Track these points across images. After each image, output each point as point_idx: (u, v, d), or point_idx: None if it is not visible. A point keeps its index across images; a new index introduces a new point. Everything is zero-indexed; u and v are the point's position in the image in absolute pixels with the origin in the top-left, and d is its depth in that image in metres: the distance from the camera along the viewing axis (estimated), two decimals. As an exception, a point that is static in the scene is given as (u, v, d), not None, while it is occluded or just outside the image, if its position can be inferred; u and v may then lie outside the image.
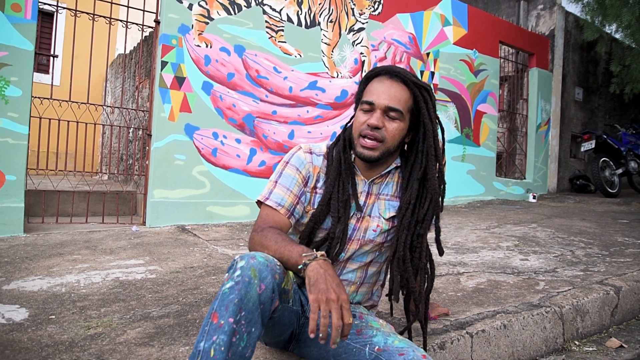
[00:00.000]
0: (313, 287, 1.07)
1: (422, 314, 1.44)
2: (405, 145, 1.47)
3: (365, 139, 1.35)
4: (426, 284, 1.47)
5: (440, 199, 1.41)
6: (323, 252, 1.15)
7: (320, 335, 1.03)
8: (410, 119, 1.38)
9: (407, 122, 1.38)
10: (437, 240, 1.48)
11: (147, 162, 4.17)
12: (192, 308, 1.99)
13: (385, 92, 1.34)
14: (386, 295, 1.61)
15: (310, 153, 1.44)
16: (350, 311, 1.06)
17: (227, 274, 1.14)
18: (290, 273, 1.27)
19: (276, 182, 1.39)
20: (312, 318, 1.03)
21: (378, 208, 1.45)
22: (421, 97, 1.36)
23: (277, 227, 1.31)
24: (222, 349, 1.04)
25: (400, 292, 1.43)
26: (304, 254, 1.15)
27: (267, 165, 4.56)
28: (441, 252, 1.49)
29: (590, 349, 2.05)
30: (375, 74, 1.39)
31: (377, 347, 1.22)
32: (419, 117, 1.39)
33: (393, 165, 1.44)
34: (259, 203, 1.40)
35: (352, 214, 1.42)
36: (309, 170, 1.41)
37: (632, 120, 8.95)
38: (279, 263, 1.20)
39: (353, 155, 1.43)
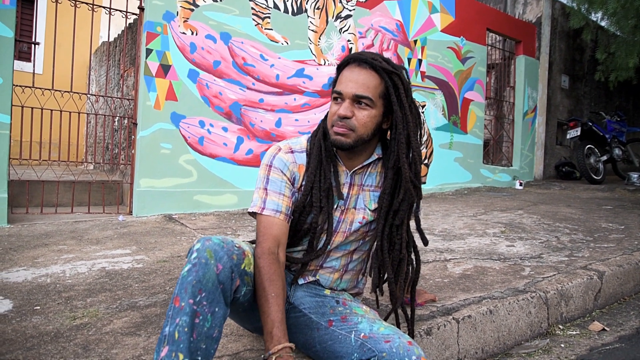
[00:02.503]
0: None
1: (401, 301, 1.44)
2: (389, 133, 1.45)
3: (337, 127, 1.33)
4: (410, 274, 1.47)
5: (413, 188, 1.36)
6: (288, 345, 1.15)
7: None
8: (384, 105, 1.35)
9: (381, 109, 1.35)
10: (419, 230, 1.47)
11: (133, 151, 4.13)
12: (179, 297, 1.98)
13: (352, 81, 1.32)
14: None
15: (292, 152, 1.40)
16: None
17: (186, 258, 1.15)
18: (252, 256, 1.26)
19: (266, 189, 1.35)
20: None
21: (363, 200, 1.44)
22: (390, 83, 1.33)
23: (278, 240, 1.29)
24: (186, 329, 1.05)
25: (387, 282, 1.44)
26: (269, 341, 1.15)
27: (255, 154, 4.53)
28: (425, 242, 1.49)
29: (574, 332, 2.08)
30: (346, 62, 1.36)
31: (362, 333, 1.23)
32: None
33: (375, 157, 1.42)
34: (253, 214, 1.36)
35: (335, 206, 1.41)
36: (293, 171, 1.38)
37: (616, 108, 9.05)
38: (237, 245, 1.21)
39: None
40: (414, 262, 1.48)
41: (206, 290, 1.09)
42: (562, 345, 1.94)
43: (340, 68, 1.38)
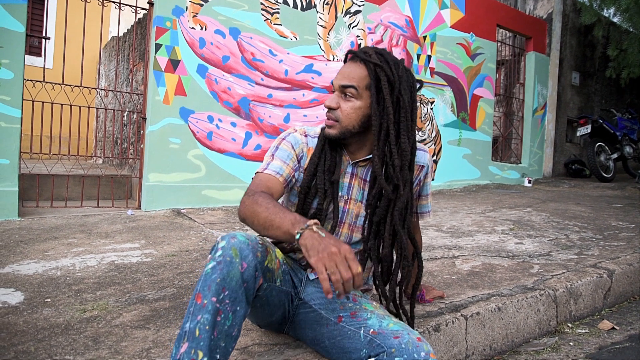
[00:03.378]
0: (311, 251, 1.05)
1: (391, 300, 1.41)
2: None
3: (326, 120, 1.38)
4: (404, 276, 1.41)
5: (388, 184, 1.34)
6: (316, 220, 1.12)
7: (337, 292, 1.04)
8: (371, 97, 1.35)
9: (367, 100, 1.34)
10: (412, 238, 1.46)
11: (142, 146, 4.15)
12: (188, 291, 1.99)
13: (342, 73, 1.37)
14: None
15: (305, 135, 1.45)
16: (356, 261, 1.04)
17: (209, 255, 1.14)
18: (275, 252, 1.26)
19: (273, 155, 1.39)
20: (322, 279, 1.02)
21: (364, 195, 1.45)
22: (374, 75, 1.33)
23: (269, 192, 1.28)
24: (207, 327, 1.05)
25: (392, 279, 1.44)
26: (295, 224, 1.11)
27: (263, 149, 4.54)
28: (420, 264, 1.51)
29: (583, 331, 2.07)
30: (345, 58, 1.42)
31: (371, 329, 1.23)
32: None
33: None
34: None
35: (339, 195, 1.42)
36: (302, 150, 1.42)
37: (628, 105, 8.95)
38: (260, 241, 1.20)
39: None
40: (419, 262, 1.49)
41: (230, 288, 1.08)
42: (571, 344, 1.93)
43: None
